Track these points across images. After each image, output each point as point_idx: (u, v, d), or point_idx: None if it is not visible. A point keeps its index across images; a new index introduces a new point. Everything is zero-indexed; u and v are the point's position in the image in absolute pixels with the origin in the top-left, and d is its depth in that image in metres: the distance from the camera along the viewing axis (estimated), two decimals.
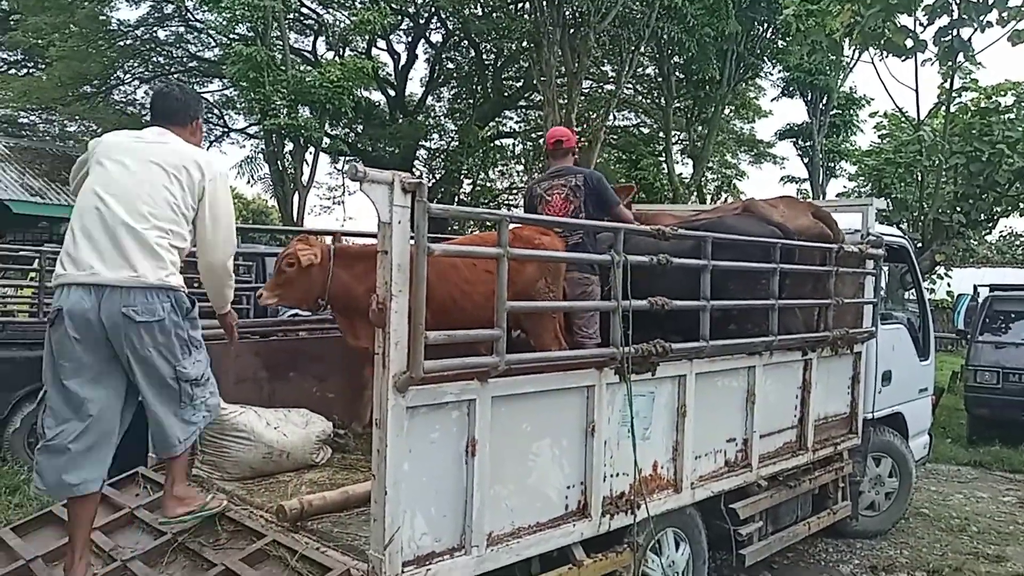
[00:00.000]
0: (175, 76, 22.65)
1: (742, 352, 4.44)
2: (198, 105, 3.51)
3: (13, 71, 25.00)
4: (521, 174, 26.11)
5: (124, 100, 23.09)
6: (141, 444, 3.71)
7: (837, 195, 21.93)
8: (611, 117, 21.20)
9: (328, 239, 4.51)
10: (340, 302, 4.26)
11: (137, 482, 3.87)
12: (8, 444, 6.52)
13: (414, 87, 24.01)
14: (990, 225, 12.94)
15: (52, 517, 3.68)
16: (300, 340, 4.99)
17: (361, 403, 4.60)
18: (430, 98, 24.15)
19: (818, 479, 5.30)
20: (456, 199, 23.61)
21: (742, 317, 4.67)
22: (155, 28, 21.28)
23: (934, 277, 13.47)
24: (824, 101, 21.39)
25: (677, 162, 21.95)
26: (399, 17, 20.36)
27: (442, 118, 25.03)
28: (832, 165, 23.34)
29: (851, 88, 22.33)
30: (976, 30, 10.20)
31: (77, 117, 23.52)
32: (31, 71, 23.92)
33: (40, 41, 19.82)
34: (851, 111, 22.54)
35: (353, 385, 4.65)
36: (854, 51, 16.02)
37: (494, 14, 20.19)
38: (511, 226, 3.53)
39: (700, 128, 22.45)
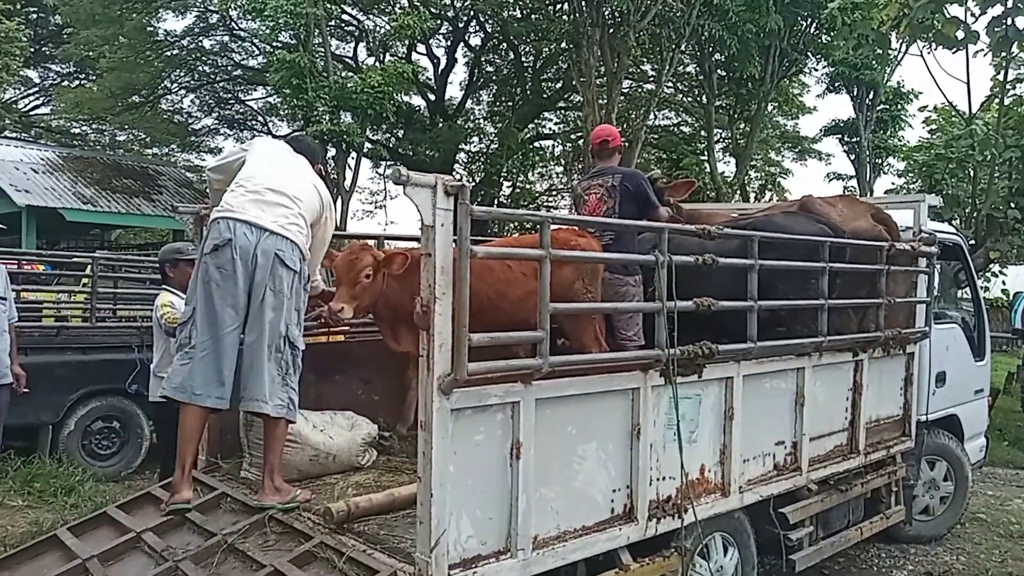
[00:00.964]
0: (220, 85, 23.15)
1: (791, 353, 4.36)
2: (320, 153, 4.22)
3: (66, 83, 25.83)
4: (560, 176, 26.06)
5: (171, 109, 23.65)
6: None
7: (885, 192, 21.46)
8: (651, 116, 21.03)
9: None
10: (386, 308, 4.21)
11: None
12: (63, 446, 6.69)
13: (454, 91, 24.17)
14: None
15: (107, 518, 3.77)
16: (346, 343, 5.04)
17: (405, 406, 4.61)
18: (469, 101, 24.24)
19: (870, 483, 5.18)
20: (496, 201, 23.63)
21: (790, 318, 4.58)
22: (200, 38, 21.78)
23: (988, 275, 13.08)
24: (871, 96, 20.90)
25: (719, 160, 21.66)
26: (438, 21, 20.49)
27: (481, 121, 25.11)
28: (879, 161, 22.79)
29: (899, 82, 21.78)
30: None
31: (126, 126, 24.18)
32: (83, 83, 24.67)
33: (91, 53, 20.44)
34: (899, 106, 21.98)
35: (398, 388, 4.68)
36: (902, 44, 15.63)
37: (533, 16, 20.21)
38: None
39: (743, 126, 22.13)
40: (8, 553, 3.76)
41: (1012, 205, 11.29)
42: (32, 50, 21.74)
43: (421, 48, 22.16)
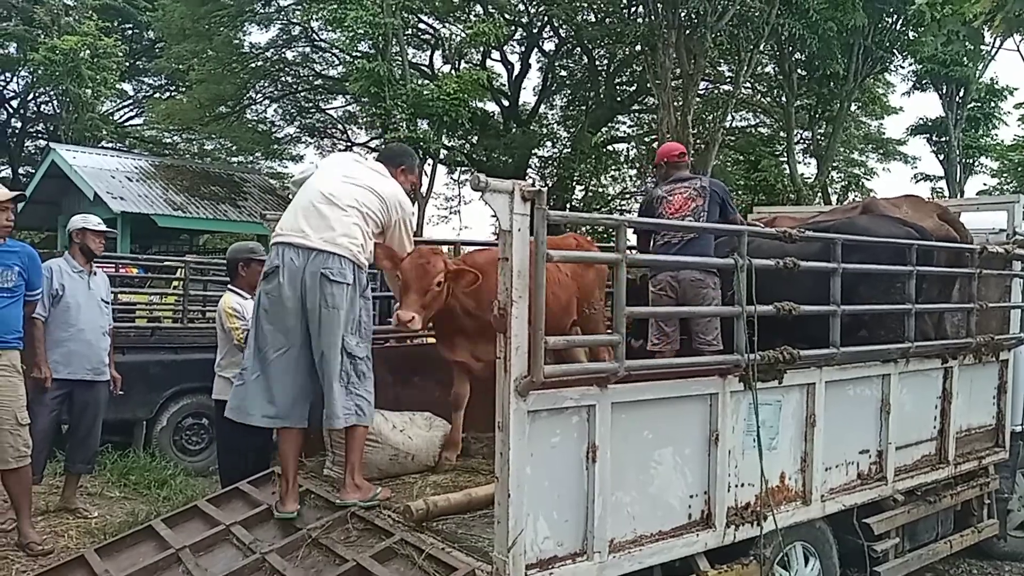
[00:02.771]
0: (302, 94, 23.88)
1: (875, 359, 4.24)
2: (406, 158, 4.13)
3: (158, 95, 27.10)
4: (633, 179, 25.87)
5: (256, 118, 24.52)
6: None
7: (977, 193, 20.52)
8: (729, 118, 20.66)
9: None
10: (448, 316, 4.15)
11: (273, 480, 4.08)
12: (156, 441, 7.01)
13: (527, 96, 24.29)
14: None
15: (197, 510, 3.95)
16: (425, 346, 5.12)
17: (453, 429, 4.43)
18: (543, 106, 24.32)
19: (960, 494, 4.97)
20: (568, 205, 23.62)
21: (874, 323, 4.45)
22: (283, 49, 22.54)
23: None
24: (961, 94, 20.05)
25: (800, 162, 21.12)
26: (513, 27, 20.65)
27: (555, 126, 25.16)
28: (971, 161, 21.82)
29: (992, 78, 20.83)
30: None
31: (214, 136, 25.18)
32: (173, 95, 25.84)
33: (181, 67, 21.41)
34: (992, 103, 21.02)
35: (476, 391, 4.71)
36: (996, 39, 14.95)
37: (607, 20, 20.13)
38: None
39: (824, 126, 21.51)
40: (108, 541, 3.97)
41: None
42: (127, 64, 22.89)
43: (495, 54, 22.39)
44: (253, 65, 22.07)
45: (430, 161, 18.37)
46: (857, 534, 4.25)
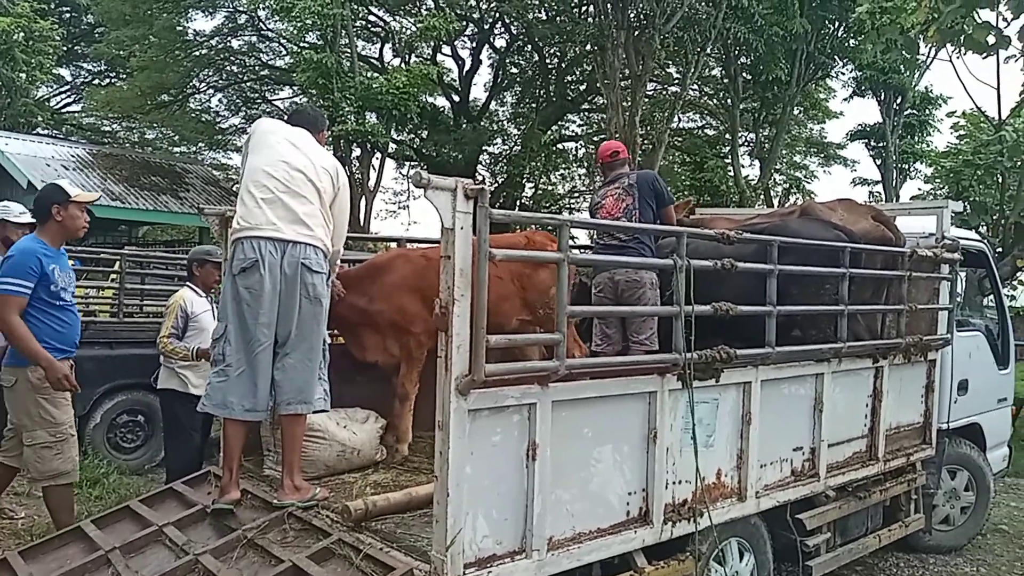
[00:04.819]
0: (248, 84, 23.41)
1: (809, 359, 4.35)
2: (324, 120, 4.14)
3: (97, 82, 26.25)
4: (583, 178, 26.04)
5: (199, 108, 23.94)
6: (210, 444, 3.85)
7: (911, 198, 21.16)
8: (676, 119, 20.95)
9: None
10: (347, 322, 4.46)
11: (209, 481, 4.01)
12: (89, 439, 6.80)
13: (478, 92, 24.24)
14: None
15: (129, 511, 3.85)
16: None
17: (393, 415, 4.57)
18: (494, 103, 24.29)
19: (889, 490, 5.14)
20: (518, 203, 23.66)
21: (807, 323, 4.57)
22: (229, 38, 22.03)
23: (1015, 283, 12.89)
24: (898, 101, 20.65)
25: (744, 164, 21.52)
26: (464, 23, 20.55)
27: (505, 123, 25.15)
28: (906, 167, 22.51)
29: (927, 87, 21.50)
30: None
31: (155, 125, 24.50)
32: (113, 81, 25.06)
33: (122, 52, 20.78)
34: (927, 111, 21.71)
35: (422, 388, 4.70)
36: (931, 49, 15.45)
37: (558, 18, 20.20)
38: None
39: (768, 130, 21.97)
40: (33, 543, 3.84)
41: None
42: (64, 49, 22.10)
43: (446, 49, 22.27)
44: (197, 53, 21.52)
45: (378, 155, 18.20)
46: (790, 529, 4.37)
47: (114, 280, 8.37)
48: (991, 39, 10.60)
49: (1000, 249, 10.94)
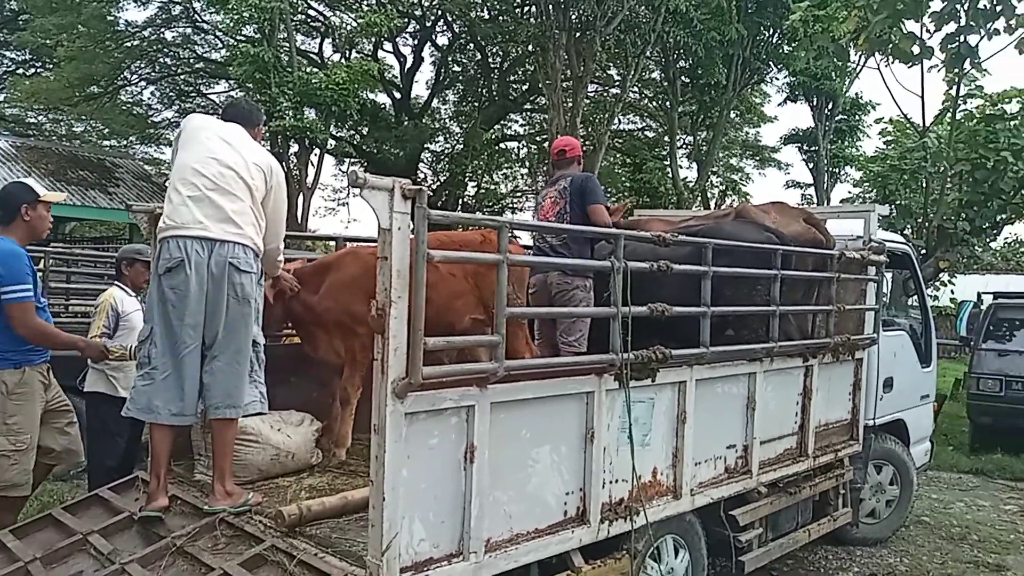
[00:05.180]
0: (182, 77, 22.78)
1: (743, 358, 4.44)
2: (259, 115, 4.05)
3: (21, 71, 25.17)
4: (525, 177, 26.15)
5: (131, 101, 23.20)
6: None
7: (841, 201, 21.94)
8: (616, 121, 21.21)
9: None
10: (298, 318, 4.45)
11: (136, 486, 3.88)
12: None
13: (420, 90, 24.10)
14: (995, 232, 12.90)
15: (52, 519, 3.71)
16: (301, 344, 4.99)
17: (332, 418, 4.53)
18: (436, 101, 24.20)
19: (819, 486, 5.28)
20: (460, 202, 23.62)
21: (739, 323, 4.67)
22: (162, 29, 21.42)
23: (938, 284, 13.43)
24: (830, 106, 21.37)
25: (682, 166, 21.94)
26: (406, 20, 20.41)
27: (447, 121, 25.09)
28: (837, 170, 23.31)
29: (857, 94, 22.30)
30: (983, 37, 10.20)
31: (84, 117, 23.65)
32: (39, 71, 24.07)
33: (48, 41, 19.97)
34: (857, 116, 22.51)
35: (364, 390, 4.65)
36: (860, 57, 16.00)
37: (500, 17, 20.23)
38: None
39: (705, 133, 22.44)
40: None
41: (962, 217, 11.61)
42: None
43: (388, 46, 22.09)
44: (129, 44, 20.86)
45: (317, 151, 17.93)
46: (724, 525, 4.45)
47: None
48: (916, 49, 11.05)
49: (924, 251, 11.37)
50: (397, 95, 22.89)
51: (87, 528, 3.47)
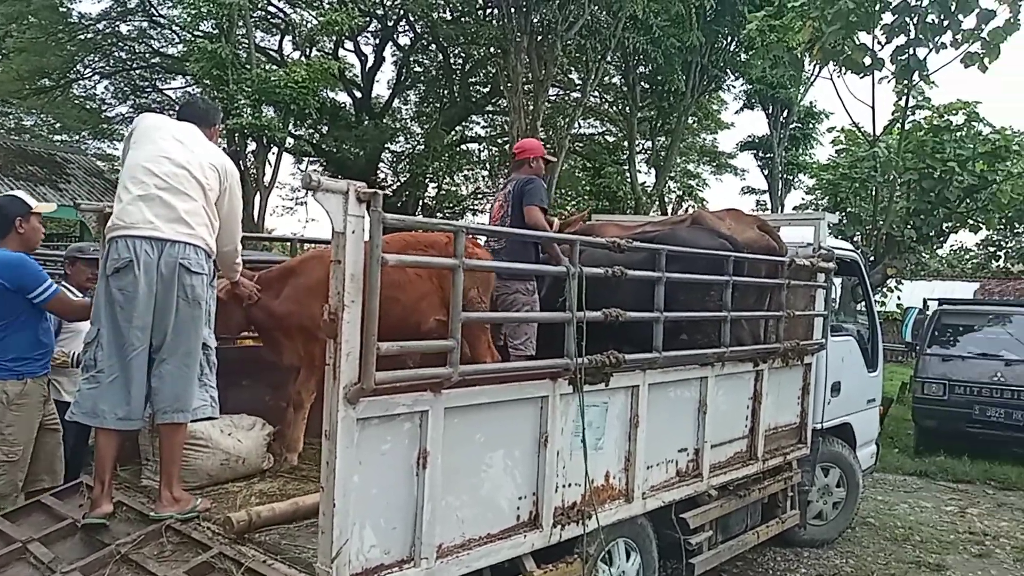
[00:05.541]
0: (137, 72, 22.31)
1: (694, 363, 4.50)
2: (216, 114, 3.98)
3: None
4: (486, 179, 26.15)
5: (84, 95, 22.64)
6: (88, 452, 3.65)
7: (794, 208, 22.36)
8: (576, 125, 21.35)
9: None
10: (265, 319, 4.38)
11: (81, 492, 3.78)
12: None
13: (381, 89, 23.95)
14: (941, 240, 13.30)
15: None
16: (253, 348, 4.93)
17: (285, 424, 4.45)
18: (397, 101, 24.08)
19: (767, 488, 5.38)
20: (421, 203, 23.54)
21: (692, 328, 4.74)
22: (117, 22, 20.94)
23: (886, 290, 13.77)
24: (785, 114, 21.78)
25: (640, 171, 22.17)
26: (367, 19, 20.26)
27: (408, 121, 24.99)
28: (791, 177, 23.76)
29: (811, 102, 22.78)
30: (931, 50, 10.50)
31: (35, 110, 23.01)
32: None
33: None
34: (811, 125, 22.99)
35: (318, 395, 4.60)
36: (814, 66, 16.34)
37: (462, 19, 20.23)
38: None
39: (663, 138, 22.71)
40: None
41: (909, 225, 11.94)
42: None
43: (349, 45, 21.91)
44: (82, 37, 20.37)
45: (275, 150, 17.70)
46: (675, 528, 4.51)
47: None
48: (867, 60, 11.32)
49: (873, 258, 11.67)
50: (358, 94, 22.71)
51: (27, 535, 3.37)
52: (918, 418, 10.64)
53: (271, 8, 20.43)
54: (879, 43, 10.81)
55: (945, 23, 10.01)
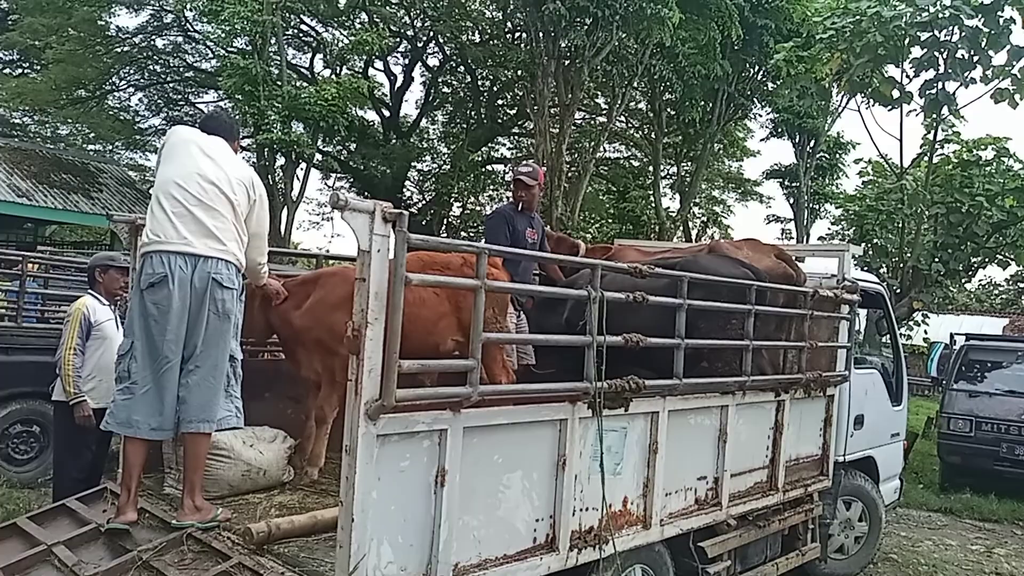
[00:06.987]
0: (171, 85, 22.74)
1: (715, 391, 4.48)
2: (238, 127, 4.12)
3: (8, 71, 24.99)
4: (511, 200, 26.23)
5: (118, 106, 23.10)
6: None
7: (819, 238, 22.23)
8: (601, 148, 21.42)
9: None
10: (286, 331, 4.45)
11: (105, 498, 3.85)
12: None
13: (409, 109, 24.22)
14: (968, 274, 13.15)
15: (17, 529, 3.66)
16: (278, 361, 4.99)
17: (305, 436, 4.52)
18: (424, 120, 24.32)
19: (788, 520, 5.32)
20: (445, 222, 23.68)
21: (713, 356, 4.72)
22: (153, 36, 21.39)
23: (911, 323, 13.61)
24: (811, 144, 21.70)
25: (665, 196, 22.17)
26: (397, 39, 20.56)
27: (435, 141, 25.20)
28: (817, 207, 23.62)
29: (838, 133, 22.69)
30: (960, 85, 10.46)
31: (70, 120, 23.49)
32: (26, 72, 23.91)
33: (37, 42, 19.87)
34: (837, 155, 22.88)
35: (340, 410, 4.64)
36: (842, 97, 16.30)
37: (491, 42, 20.45)
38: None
39: (689, 164, 22.70)
40: None
41: (936, 259, 11.81)
42: None
43: (379, 64, 22.21)
44: (119, 49, 20.81)
45: (303, 165, 17.94)
46: (692, 556, 4.46)
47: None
48: (895, 93, 11.30)
49: (899, 291, 11.55)
50: (386, 113, 22.99)
51: (52, 539, 3.43)
52: (943, 454, 10.48)
53: (303, 27, 20.78)
54: (908, 76, 10.79)
55: (975, 59, 9.98)
